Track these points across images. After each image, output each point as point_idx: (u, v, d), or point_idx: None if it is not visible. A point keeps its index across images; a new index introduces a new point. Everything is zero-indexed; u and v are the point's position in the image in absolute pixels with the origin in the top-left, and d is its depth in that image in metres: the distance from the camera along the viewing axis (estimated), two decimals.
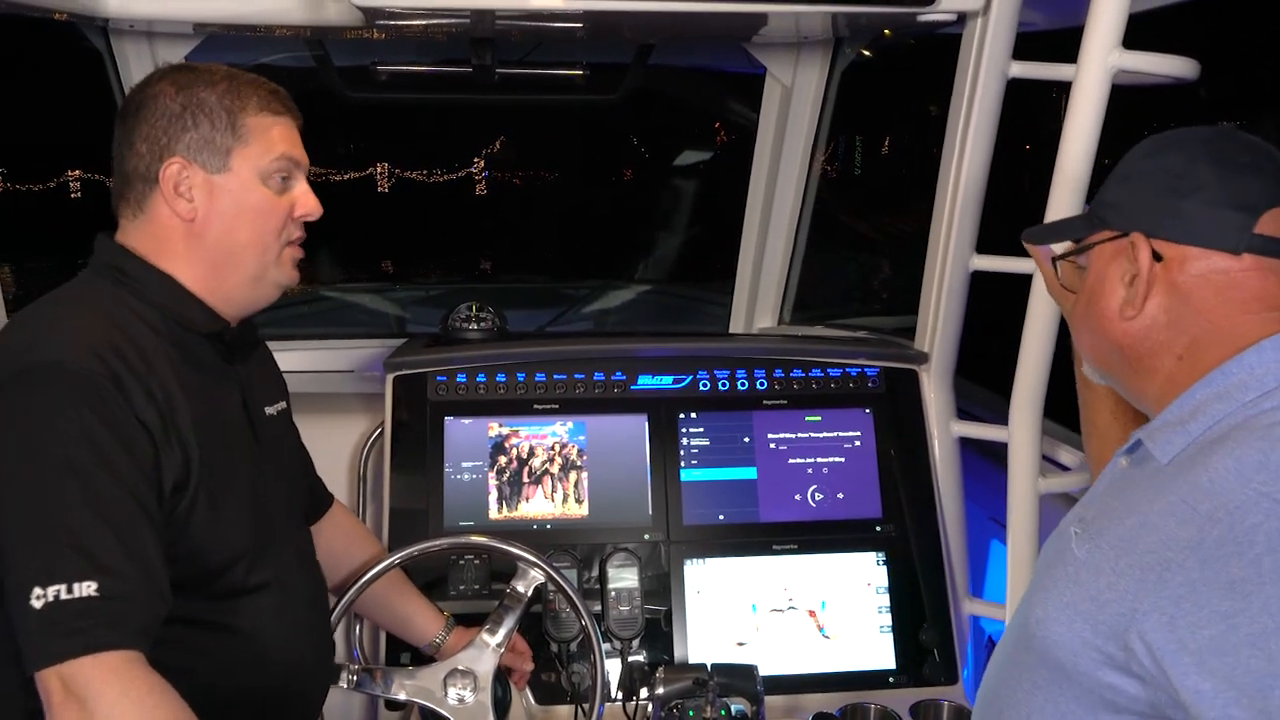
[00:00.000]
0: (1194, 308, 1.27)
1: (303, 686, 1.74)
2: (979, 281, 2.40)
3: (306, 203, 1.64)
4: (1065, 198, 1.99)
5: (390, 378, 2.45)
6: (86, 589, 1.31)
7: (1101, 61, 1.92)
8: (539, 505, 2.39)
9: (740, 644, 2.32)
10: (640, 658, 2.28)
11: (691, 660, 2.28)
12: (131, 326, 1.51)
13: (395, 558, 1.99)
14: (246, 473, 1.62)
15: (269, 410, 1.75)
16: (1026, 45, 2.21)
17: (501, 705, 2.00)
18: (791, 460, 2.47)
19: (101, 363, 1.42)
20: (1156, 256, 1.28)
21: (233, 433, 1.62)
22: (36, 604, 1.30)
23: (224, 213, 1.57)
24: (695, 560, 2.36)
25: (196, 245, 1.58)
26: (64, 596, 1.30)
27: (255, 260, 1.61)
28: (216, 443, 1.55)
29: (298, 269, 1.68)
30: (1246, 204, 1.25)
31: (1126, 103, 2.03)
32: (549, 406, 2.46)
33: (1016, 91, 2.23)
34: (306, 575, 1.78)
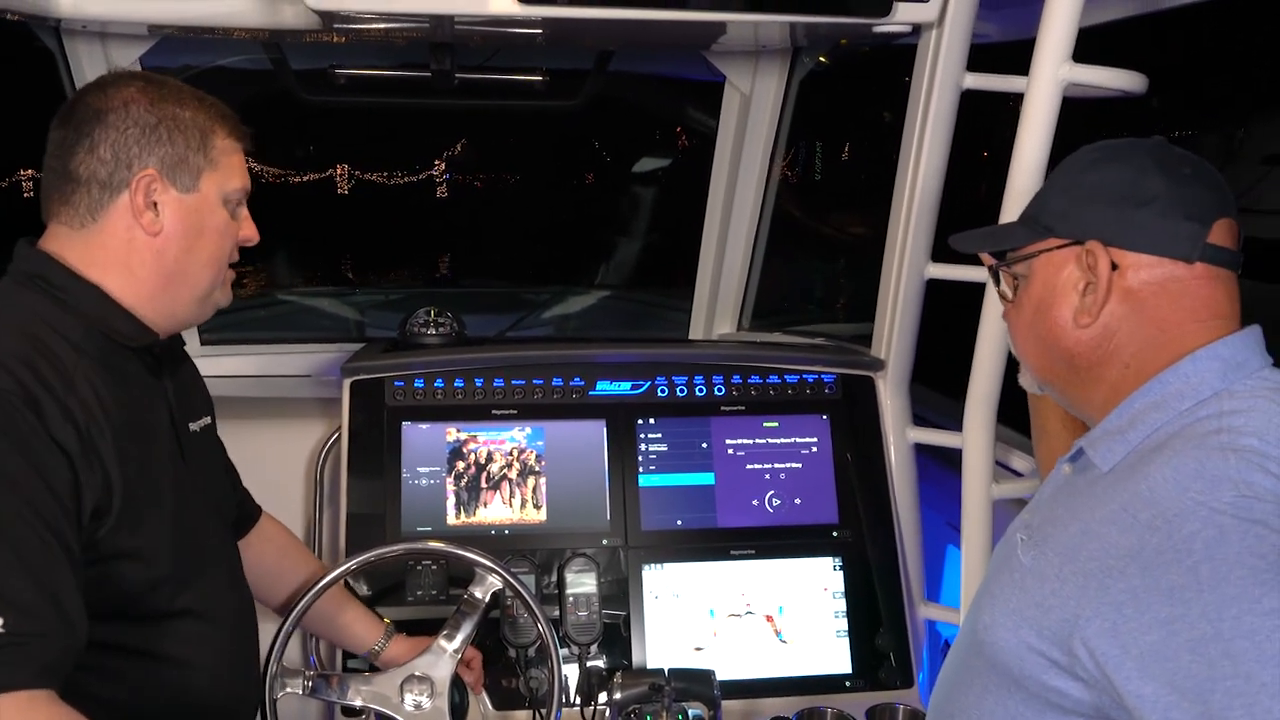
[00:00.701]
0: (1147, 315, 1.29)
1: (229, 711, 1.71)
2: (934, 288, 2.43)
3: (249, 229, 1.67)
4: (1018, 209, 1.99)
5: (347, 382, 2.43)
6: None
7: (1052, 75, 1.95)
8: (497, 511, 2.39)
9: (698, 649, 2.33)
10: (598, 663, 2.29)
11: (649, 665, 2.29)
12: (51, 340, 1.45)
13: (352, 563, 1.97)
14: (172, 492, 1.56)
15: (193, 426, 1.71)
16: (983, 55, 2.24)
17: (459, 711, 2.00)
18: (749, 466, 2.48)
19: (14, 380, 1.36)
20: (1112, 265, 1.30)
21: (158, 451, 1.57)
22: None
23: (189, 231, 1.57)
24: (653, 565, 2.37)
25: (152, 260, 1.55)
26: None
27: (209, 280, 1.62)
28: (141, 462, 1.50)
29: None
30: (1197, 214, 1.27)
31: (1084, 114, 2.05)
32: (507, 412, 2.45)
33: (975, 99, 2.26)
34: (235, 596, 1.74)
